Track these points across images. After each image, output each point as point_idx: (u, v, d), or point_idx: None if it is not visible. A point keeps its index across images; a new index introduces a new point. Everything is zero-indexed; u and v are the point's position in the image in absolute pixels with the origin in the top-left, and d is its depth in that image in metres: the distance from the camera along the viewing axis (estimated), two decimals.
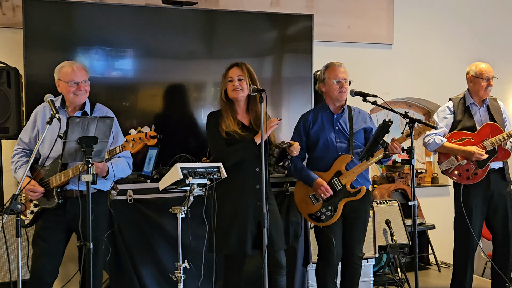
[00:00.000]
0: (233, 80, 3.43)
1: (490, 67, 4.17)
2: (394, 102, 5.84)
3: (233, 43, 4.56)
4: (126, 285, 3.72)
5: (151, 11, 4.42)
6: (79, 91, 3.32)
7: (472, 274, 4.25)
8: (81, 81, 3.32)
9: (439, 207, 5.32)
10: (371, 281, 4.39)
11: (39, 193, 3.26)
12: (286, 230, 3.96)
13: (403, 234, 4.87)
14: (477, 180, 4.08)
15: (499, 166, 4.15)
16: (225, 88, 3.47)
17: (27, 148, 3.42)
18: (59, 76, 3.35)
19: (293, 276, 3.99)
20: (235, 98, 3.45)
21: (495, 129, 4.07)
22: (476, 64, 4.20)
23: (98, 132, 2.89)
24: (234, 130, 3.38)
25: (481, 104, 4.20)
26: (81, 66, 3.40)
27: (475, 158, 3.98)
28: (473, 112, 4.19)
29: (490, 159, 4.04)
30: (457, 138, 4.12)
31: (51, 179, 3.26)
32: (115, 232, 3.69)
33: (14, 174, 3.41)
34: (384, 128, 3.30)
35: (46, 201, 3.29)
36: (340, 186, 3.58)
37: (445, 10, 5.82)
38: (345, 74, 3.64)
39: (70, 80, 3.30)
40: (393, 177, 5.75)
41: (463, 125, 4.15)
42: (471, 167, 4.07)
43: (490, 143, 4.02)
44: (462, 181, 4.11)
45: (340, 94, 3.62)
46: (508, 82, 5.99)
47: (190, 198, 3.17)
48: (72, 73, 3.31)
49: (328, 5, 5.30)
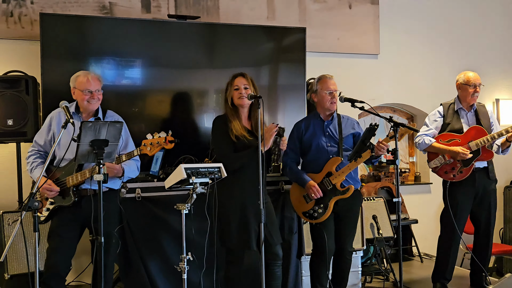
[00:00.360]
0: (239, 88, 3.42)
1: (477, 75, 4.17)
2: (380, 108, 5.83)
3: (233, 53, 4.56)
4: (135, 276, 3.70)
5: (158, 24, 4.42)
6: (93, 99, 3.33)
7: (453, 264, 4.25)
8: (94, 90, 3.32)
9: (422, 203, 5.32)
10: (359, 271, 4.37)
11: (55, 191, 3.24)
12: (281, 226, 3.95)
13: (389, 228, 4.86)
14: (462, 178, 4.07)
15: (484, 166, 4.14)
16: (231, 96, 3.45)
17: (42, 150, 3.40)
18: (75, 85, 3.34)
19: (288, 267, 3.97)
20: (241, 105, 3.43)
21: (480, 132, 4.06)
22: (465, 73, 4.20)
23: (108, 135, 2.89)
24: (243, 134, 3.37)
25: (469, 109, 4.19)
26: (95, 76, 3.39)
27: (460, 157, 3.98)
28: (461, 116, 4.18)
29: (475, 159, 4.03)
30: (445, 139, 4.12)
31: (67, 179, 3.25)
32: (124, 227, 3.68)
33: (30, 174, 3.38)
34: (371, 131, 3.30)
35: (62, 199, 3.28)
36: (330, 185, 3.57)
37: (426, 23, 5.82)
38: (335, 86, 3.66)
39: (85, 89, 3.30)
40: (379, 176, 5.74)
41: (451, 127, 4.14)
42: (457, 166, 4.07)
43: (475, 144, 4.01)
44: (448, 178, 4.11)
45: (331, 105, 3.63)
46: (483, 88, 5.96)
47: (193, 195, 3.16)
48: (87, 82, 3.30)
49: (320, 19, 5.30)
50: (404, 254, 5.38)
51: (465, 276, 4.48)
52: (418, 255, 5.30)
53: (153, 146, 3.20)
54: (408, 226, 5.32)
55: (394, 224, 4.84)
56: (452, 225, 4.07)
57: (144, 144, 3.21)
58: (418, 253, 5.29)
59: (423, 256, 5.24)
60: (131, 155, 3.25)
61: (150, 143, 3.20)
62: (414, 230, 5.34)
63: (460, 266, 5.19)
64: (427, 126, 4.18)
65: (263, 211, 3.05)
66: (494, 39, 6.10)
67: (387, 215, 4.90)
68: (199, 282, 3.47)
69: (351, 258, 3.75)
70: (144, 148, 3.20)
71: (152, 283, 3.70)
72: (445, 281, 4.22)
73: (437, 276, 4.25)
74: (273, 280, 3.40)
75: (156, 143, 3.19)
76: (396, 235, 4.78)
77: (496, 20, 6.13)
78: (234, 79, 3.46)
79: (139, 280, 3.68)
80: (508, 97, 6.15)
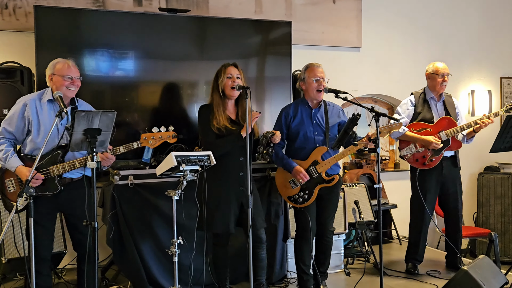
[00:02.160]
0: (232, 77, 3.36)
1: (446, 65, 4.19)
2: (362, 98, 5.83)
3: (222, 46, 4.50)
4: (128, 259, 3.67)
5: (149, 17, 4.35)
6: (72, 85, 3.19)
7: (424, 246, 4.30)
8: (75, 76, 3.20)
9: (401, 189, 5.33)
10: (341, 253, 4.39)
11: (41, 180, 3.09)
12: (268, 210, 3.94)
13: (370, 212, 4.88)
14: (432, 166, 4.10)
15: (451, 155, 4.18)
16: (223, 84, 3.36)
17: (12, 138, 3.20)
18: (53, 71, 3.19)
19: (274, 250, 3.98)
20: (232, 95, 3.38)
21: (451, 122, 4.08)
22: (433, 63, 4.22)
23: (101, 124, 2.84)
24: (224, 125, 3.32)
25: (439, 99, 4.21)
26: (74, 64, 3.25)
27: (432, 147, 3.99)
28: (432, 105, 4.20)
29: (444, 148, 4.06)
30: (417, 128, 4.13)
31: (51, 168, 3.12)
32: (117, 212, 3.64)
33: (4, 163, 3.15)
34: (353, 121, 3.29)
35: (46, 188, 3.13)
36: (316, 174, 3.56)
37: (406, 18, 5.81)
38: (323, 74, 3.61)
39: (66, 74, 3.16)
40: (361, 163, 5.75)
41: (422, 116, 4.16)
42: (427, 154, 4.09)
43: (445, 134, 4.03)
44: (419, 166, 4.13)
45: (317, 93, 3.58)
46: (458, 80, 6.02)
47: (184, 182, 3.14)
48: (68, 68, 3.18)
49: (305, 13, 5.27)
50: (384, 237, 5.42)
51: (441, 257, 4.52)
52: (397, 237, 5.34)
53: (155, 140, 3.19)
54: (388, 211, 5.35)
55: (375, 208, 4.87)
56: (422, 210, 4.12)
57: (144, 138, 3.18)
58: (397, 236, 5.34)
59: (401, 239, 5.28)
60: (130, 147, 3.19)
61: (152, 137, 3.17)
62: (394, 214, 5.37)
63: (436, 248, 5.25)
64: (399, 115, 4.19)
65: (251, 197, 3.03)
66: (470, 33, 6.11)
67: (368, 200, 4.92)
68: (189, 264, 3.45)
69: (332, 238, 3.76)
70: (144, 142, 3.17)
71: (144, 265, 3.67)
72: (416, 262, 4.27)
73: (409, 257, 4.31)
74: (257, 262, 3.40)
75: (159, 137, 3.19)
76: (376, 219, 4.80)
77: (473, 15, 6.14)
78: (227, 67, 3.39)
79: (132, 263, 3.66)
80: (483, 88, 6.18)
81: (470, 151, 5.11)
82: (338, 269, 4.35)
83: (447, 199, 4.23)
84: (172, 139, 3.23)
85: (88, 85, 4.01)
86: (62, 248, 3.99)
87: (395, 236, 5.38)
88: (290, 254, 4.05)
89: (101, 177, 4.11)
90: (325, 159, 3.57)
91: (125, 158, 4.05)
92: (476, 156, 5.92)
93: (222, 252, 3.47)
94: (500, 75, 6.29)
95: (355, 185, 4.93)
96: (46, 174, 3.12)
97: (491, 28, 6.21)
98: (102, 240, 3.81)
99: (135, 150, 3.67)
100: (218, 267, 3.52)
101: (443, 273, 4.20)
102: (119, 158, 3.77)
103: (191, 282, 3.56)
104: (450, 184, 4.19)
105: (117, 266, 3.88)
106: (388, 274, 4.22)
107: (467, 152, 5.42)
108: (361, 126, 5.48)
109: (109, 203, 3.68)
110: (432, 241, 5.59)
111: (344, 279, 4.19)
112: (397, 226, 5.35)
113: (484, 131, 4.07)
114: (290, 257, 4.07)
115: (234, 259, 3.69)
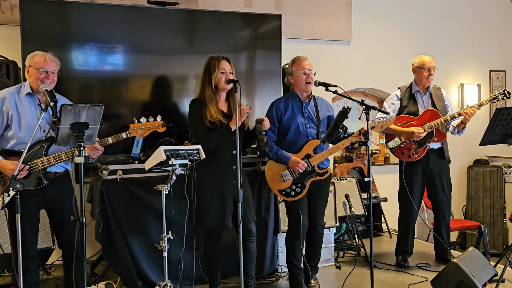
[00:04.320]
0: (225, 72, 3.31)
1: (432, 59, 4.19)
2: (352, 92, 5.82)
3: (212, 39, 4.45)
4: (117, 254, 3.64)
5: (137, 10, 4.28)
6: (47, 79, 3.12)
7: (413, 239, 4.32)
8: (50, 70, 3.13)
9: (391, 182, 5.33)
10: (332, 247, 4.39)
11: (26, 171, 3.02)
12: (258, 204, 3.92)
13: (360, 206, 4.88)
14: (417, 158, 4.10)
15: (438, 147, 4.18)
16: (217, 79, 3.31)
17: None
18: (30, 63, 3.13)
19: (265, 244, 3.95)
20: (225, 89, 3.34)
21: (435, 114, 4.09)
22: (420, 57, 4.22)
23: (88, 118, 2.78)
24: (218, 118, 3.28)
25: (425, 92, 4.21)
26: (53, 58, 3.18)
27: (416, 137, 4.00)
28: (418, 99, 4.20)
29: (429, 140, 4.06)
30: (402, 121, 4.14)
31: (36, 162, 3.06)
32: (106, 208, 3.60)
33: None
34: (344, 114, 3.27)
35: (30, 183, 3.07)
36: (310, 167, 3.54)
37: (396, 11, 5.81)
38: (310, 66, 3.59)
39: (41, 67, 3.10)
40: (351, 157, 5.75)
41: (408, 110, 4.18)
42: (412, 147, 4.10)
43: (429, 126, 4.04)
44: (405, 159, 4.13)
45: (306, 85, 3.56)
46: (448, 74, 6.03)
47: (173, 177, 3.10)
48: (44, 62, 3.11)
49: (295, 7, 5.24)
50: (375, 230, 5.43)
51: (431, 250, 4.53)
52: (387, 231, 5.35)
53: (143, 130, 3.14)
54: (378, 204, 5.36)
55: (365, 202, 4.87)
56: (409, 203, 4.13)
57: (133, 128, 3.13)
58: (388, 229, 5.35)
59: (392, 232, 5.29)
60: (119, 138, 3.15)
61: (141, 127, 3.11)
62: (384, 207, 5.38)
63: (426, 241, 5.26)
64: (385, 109, 4.20)
65: (241, 191, 3.01)
66: (459, 27, 6.12)
67: (358, 194, 4.92)
68: (179, 259, 3.42)
69: (323, 233, 3.74)
70: (133, 132, 3.13)
71: (134, 261, 3.64)
72: (406, 255, 4.29)
73: (399, 250, 4.32)
74: (248, 255, 3.38)
75: (147, 127, 3.15)
76: (367, 212, 4.80)
77: (462, 9, 6.14)
78: (220, 62, 3.33)
79: (121, 258, 3.62)
80: (472, 82, 6.20)
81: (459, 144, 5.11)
82: (329, 262, 4.34)
83: (435, 191, 4.23)
84: (162, 128, 3.19)
85: (77, 79, 3.96)
86: (50, 244, 3.94)
87: (386, 229, 5.39)
88: (281, 248, 4.03)
89: (90, 172, 4.07)
90: (317, 153, 3.55)
91: (114, 152, 4.01)
92: (465, 149, 5.94)
93: (214, 247, 3.44)
94: (489, 69, 6.31)
95: (345, 179, 4.92)
96: (31, 168, 3.07)
97: (480, 22, 6.23)
98: (91, 236, 3.77)
99: (123, 145, 3.64)
100: (210, 262, 3.49)
101: (433, 266, 4.21)
102: (107, 153, 3.74)
103: (181, 277, 3.54)
104: (437, 176, 4.19)
105: (107, 261, 3.84)
106: (379, 267, 4.22)
107: (457, 145, 5.44)
108: (351, 119, 5.47)
109: (97, 198, 3.64)
110: (422, 234, 5.61)
111: (335, 273, 4.19)
112: (388, 219, 5.35)
113: (473, 124, 4.09)
114: (280, 251, 4.05)
115: (224, 253, 3.66)
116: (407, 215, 4.22)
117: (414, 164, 4.14)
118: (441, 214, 4.26)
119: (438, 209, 4.27)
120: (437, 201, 4.26)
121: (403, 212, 4.28)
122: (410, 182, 4.14)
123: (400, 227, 4.33)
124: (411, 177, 4.15)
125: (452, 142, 4.25)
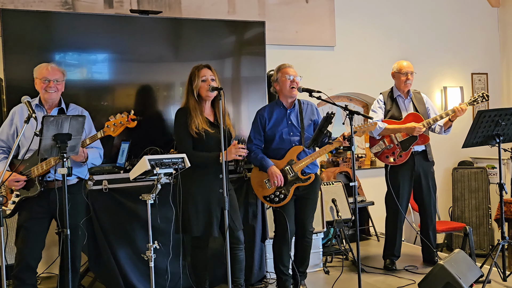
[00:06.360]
0: (206, 80, 3.30)
1: (410, 64, 4.23)
2: (337, 97, 5.84)
3: (196, 47, 4.43)
4: (104, 265, 3.60)
5: (121, 19, 4.26)
6: (50, 88, 3.18)
7: (400, 242, 4.33)
8: (52, 79, 3.18)
9: (377, 186, 5.35)
10: (320, 252, 4.38)
11: (22, 181, 3.10)
12: (245, 211, 3.90)
13: (347, 210, 4.89)
14: (402, 162, 4.12)
15: (422, 149, 4.21)
16: (198, 87, 3.31)
17: (4, 146, 3.25)
18: (36, 75, 3.23)
19: (253, 251, 3.94)
20: (209, 97, 3.32)
21: (417, 118, 4.13)
22: (398, 62, 4.27)
23: (71, 129, 2.78)
24: (204, 128, 3.27)
25: (406, 96, 4.25)
26: (56, 67, 3.26)
27: (417, 131, 4.01)
28: (400, 103, 4.23)
29: (412, 143, 4.09)
30: None
31: (32, 169, 3.11)
32: (92, 218, 3.56)
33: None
34: (328, 120, 3.28)
35: (27, 191, 3.14)
36: (292, 173, 3.54)
37: (378, 17, 5.85)
38: (295, 73, 3.61)
39: (43, 77, 3.18)
40: (338, 162, 5.76)
41: (391, 114, 4.20)
42: (396, 150, 4.12)
43: (426, 123, 4.06)
44: (389, 163, 4.16)
45: (291, 90, 3.57)
46: (431, 77, 6.08)
47: (158, 186, 3.07)
48: (45, 71, 3.20)
49: (278, 13, 5.25)
50: (362, 234, 5.44)
51: (418, 253, 4.55)
52: (375, 234, 5.36)
53: (116, 127, 3.10)
54: (365, 208, 5.37)
55: (352, 206, 4.87)
56: (396, 206, 4.14)
57: (107, 126, 3.11)
58: (375, 233, 5.35)
59: (379, 235, 5.30)
60: (95, 138, 3.14)
61: (113, 124, 3.10)
62: (371, 211, 5.39)
63: (413, 243, 5.28)
64: (375, 113, 4.22)
65: (227, 199, 2.99)
66: (442, 31, 6.18)
67: (345, 198, 4.93)
68: (166, 268, 3.39)
69: (311, 238, 3.74)
70: (107, 130, 3.11)
71: (121, 271, 3.60)
72: (394, 258, 4.30)
73: (387, 253, 4.33)
74: (236, 263, 3.35)
75: (119, 123, 3.10)
76: (354, 216, 4.81)
77: (443, 13, 6.21)
78: (200, 70, 3.32)
79: (108, 269, 3.58)
80: (455, 84, 6.26)
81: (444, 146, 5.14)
82: (317, 267, 4.34)
83: (421, 193, 4.26)
84: (132, 122, 3.13)
85: None
86: None
87: (373, 233, 5.39)
88: (269, 254, 4.02)
89: None
90: (301, 158, 3.56)
91: None
92: (450, 151, 5.99)
93: (201, 255, 3.42)
94: (471, 71, 6.38)
95: (332, 184, 4.93)
96: (28, 176, 3.13)
97: (461, 25, 6.30)
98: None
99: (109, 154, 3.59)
100: (197, 270, 3.47)
101: (420, 268, 4.22)
102: None
103: (168, 286, 3.50)
104: (423, 178, 4.22)
105: (93, 272, 3.79)
106: (367, 271, 4.22)
107: (441, 148, 5.48)
108: (336, 124, 5.49)
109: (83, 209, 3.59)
110: (409, 237, 5.63)
111: (323, 278, 4.18)
112: (375, 223, 5.36)
113: (457, 126, 4.12)
114: (269, 258, 4.04)
115: (212, 261, 3.64)
116: (395, 218, 4.24)
117: (400, 167, 4.16)
118: (428, 216, 4.28)
119: (425, 211, 4.29)
120: (423, 203, 4.28)
121: (390, 215, 4.29)
122: (396, 185, 4.16)
123: (387, 230, 4.34)
124: (398, 180, 4.17)
125: (436, 145, 4.28)
